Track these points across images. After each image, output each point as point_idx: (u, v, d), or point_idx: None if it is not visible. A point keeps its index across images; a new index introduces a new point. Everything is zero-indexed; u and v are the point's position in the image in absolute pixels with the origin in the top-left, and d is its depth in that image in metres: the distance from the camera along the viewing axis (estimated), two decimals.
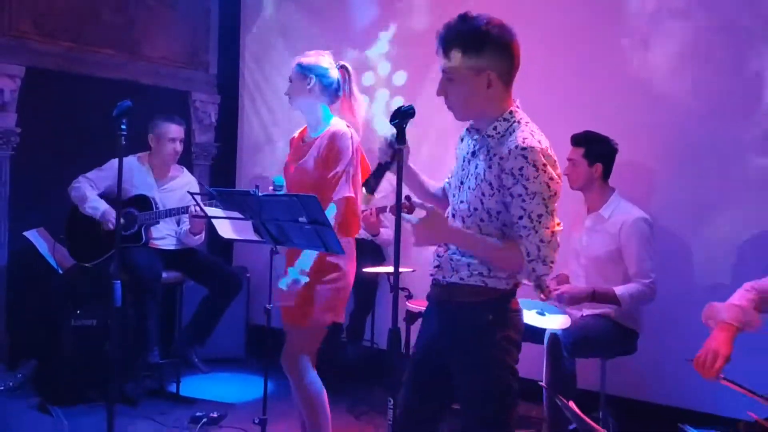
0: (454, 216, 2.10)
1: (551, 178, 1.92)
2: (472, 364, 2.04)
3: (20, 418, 3.72)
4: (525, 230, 1.93)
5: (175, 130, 4.17)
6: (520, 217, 1.93)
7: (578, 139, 3.35)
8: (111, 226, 3.96)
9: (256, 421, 2.59)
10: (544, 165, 1.91)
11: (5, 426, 3.68)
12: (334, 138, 2.76)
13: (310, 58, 2.87)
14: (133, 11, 5.00)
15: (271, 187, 2.77)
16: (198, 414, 3.77)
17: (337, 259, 2.74)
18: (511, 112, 2.02)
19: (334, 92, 2.87)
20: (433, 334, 2.14)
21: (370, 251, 4.26)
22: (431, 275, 2.15)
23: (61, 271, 4.28)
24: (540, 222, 1.92)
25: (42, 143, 4.46)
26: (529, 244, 1.92)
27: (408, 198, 4.32)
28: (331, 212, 2.62)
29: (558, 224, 1.96)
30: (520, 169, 1.91)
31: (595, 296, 3.09)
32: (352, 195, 2.72)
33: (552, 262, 1.95)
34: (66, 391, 3.96)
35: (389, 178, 2.11)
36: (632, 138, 3.70)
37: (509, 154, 1.93)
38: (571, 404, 2.00)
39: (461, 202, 2.08)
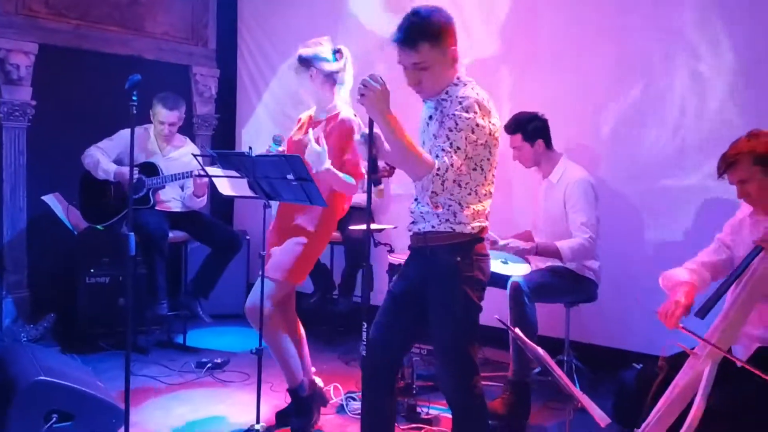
0: None
1: (477, 125, 2.25)
2: (441, 298, 2.40)
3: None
4: (443, 152, 2.23)
5: (165, 115, 4.38)
6: (443, 141, 2.24)
7: (511, 127, 3.62)
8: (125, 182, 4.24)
9: (254, 351, 2.94)
10: (475, 112, 2.25)
11: None
12: (344, 123, 3.07)
13: (309, 49, 3.11)
14: None
15: (268, 146, 3.07)
16: (204, 360, 4.17)
17: (307, 224, 3.07)
18: (458, 78, 2.38)
19: (336, 77, 3.14)
20: (411, 273, 2.50)
21: (361, 213, 4.59)
22: (409, 229, 2.51)
23: (75, 233, 4.64)
24: (455, 152, 2.23)
25: (55, 115, 4.76)
26: (442, 162, 2.22)
27: (387, 163, 4.68)
28: (346, 177, 2.96)
29: (461, 166, 2.24)
30: (455, 112, 2.26)
31: (538, 250, 3.43)
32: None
33: (434, 193, 2.23)
34: (82, 341, 4.36)
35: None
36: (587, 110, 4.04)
37: (451, 105, 2.29)
38: (536, 347, 2.33)
39: None
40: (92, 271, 4.52)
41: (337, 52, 3.14)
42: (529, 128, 3.59)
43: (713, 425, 2.22)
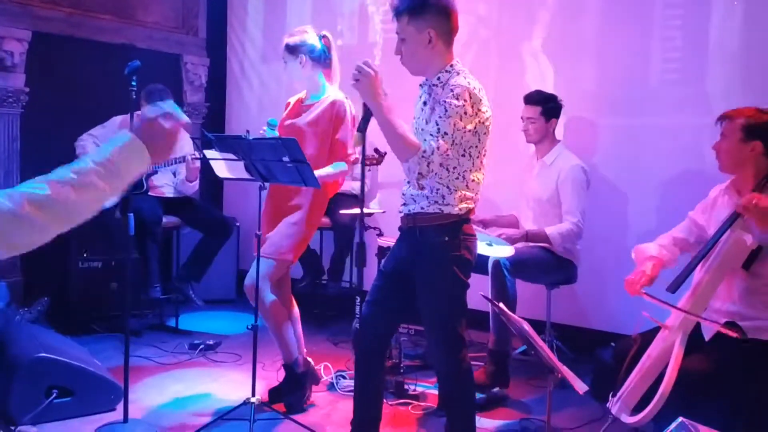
0: None
1: (466, 112, 2.38)
2: (430, 276, 2.53)
3: None
4: (430, 136, 2.36)
5: (149, 111, 4.48)
6: (432, 126, 2.37)
7: (534, 99, 3.77)
8: None
9: (249, 327, 3.06)
10: (465, 100, 2.37)
11: None
12: (335, 105, 3.22)
13: (295, 37, 3.26)
14: None
15: (263, 129, 3.19)
16: (196, 342, 4.27)
17: (299, 205, 3.21)
18: (452, 65, 2.50)
19: (325, 60, 3.29)
20: (401, 252, 2.63)
21: (351, 201, 4.70)
22: (400, 211, 2.63)
23: None
24: (442, 137, 2.35)
25: (48, 102, 4.82)
26: (428, 146, 2.35)
27: (377, 150, 4.82)
28: (337, 167, 3.16)
29: (447, 150, 2.36)
30: (446, 99, 2.39)
31: (528, 237, 3.59)
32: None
33: (420, 174, 2.36)
34: (75, 324, 4.44)
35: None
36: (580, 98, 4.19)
37: (443, 91, 2.42)
38: (521, 320, 2.46)
39: None
40: (85, 255, 4.60)
41: (322, 38, 3.28)
42: (550, 105, 3.74)
43: (683, 393, 2.37)
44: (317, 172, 2.97)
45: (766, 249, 2.47)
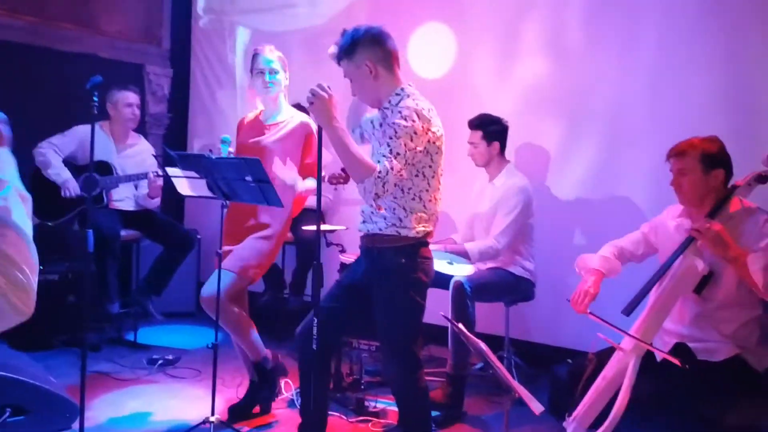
0: None
1: (416, 132, 2.43)
2: (386, 297, 2.57)
3: None
4: (383, 157, 2.40)
5: (131, 96, 4.47)
6: (384, 148, 2.42)
7: (475, 123, 3.82)
8: (68, 194, 4.27)
9: (210, 346, 3.04)
10: (414, 120, 2.43)
11: None
12: (306, 127, 3.26)
13: (277, 54, 3.27)
14: None
15: (219, 146, 3.18)
16: (155, 356, 4.22)
17: (271, 220, 3.22)
18: (402, 89, 2.57)
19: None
20: (360, 270, 2.68)
21: (313, 215, 4.70)
22: (359, 229, 2.67)
23: None
24: (395, 158, 2.39)
25: (8, 111, 4.71)
26: (383, 167, 2.38)
27: (344, 169, 4.85)
28: (313, 182, 3.17)
29: (401, 171, 2.40)
30: (395, 120, 2.44)
31: (447, 251, 3.65)
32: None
33: (377, 195, 2.40)
34: (31, 338, 4.32)
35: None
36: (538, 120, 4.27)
37: (392, 114, 2.48)
38: (479, 341, 2.51)
39: None
40: (41, 268, 4.47)
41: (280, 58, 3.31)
42: (491, 129, 3.79)
43: (637, 413, 2.44)
44: (305, 183, 3.04)
45: (717, 274, 2.56)
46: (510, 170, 3.84)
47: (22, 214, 1.22)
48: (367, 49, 2.52)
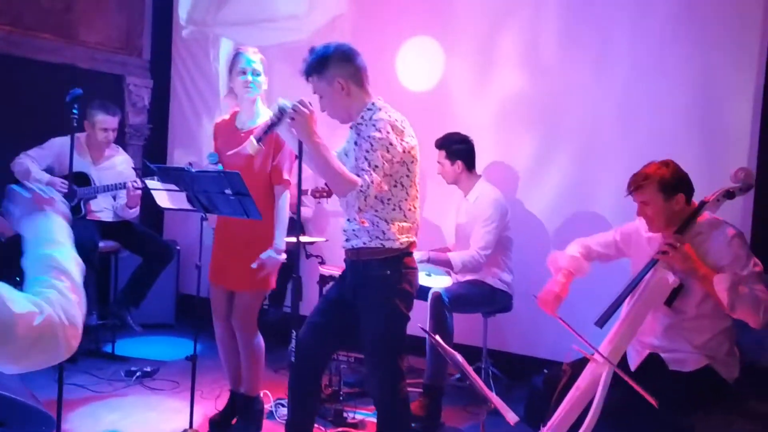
0: None
1: (391, 143, 2.47)
2: (372, 309, 2.61)
3: None
4: (363, 171, 2.44)
5: (107, 121, 4.40)
6: (362, 161, 2.46)
7: (439, 143, 3.88)
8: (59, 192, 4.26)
9: (188, 358, 3.05)
10: (388, 132, 2.47)
11: None
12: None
13: (260, 56, 3.20)
14: None
15: (205, 162, 3.18)
16: (133, 368, 4.20)
17: (266, 235, 3.22)
18: (373, 103, 2.61)
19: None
20: (346, 282, 2.71)
21: (292, 226, 4.72)
22: (343, 246, 2.70)
23: (3, 240, 4.59)
24: (374, 170, 2.44)
25: None
26: (364, 180, 2.43)
27: (327, 184, 4.84)
28: (283, 201, 3.17)
29: (381, 183, 2.45)
30: (370, 134, 2.49)
31: (430, 260, 3.70)
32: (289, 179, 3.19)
33: (359, 209, 2.45)
34: None
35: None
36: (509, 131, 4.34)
37: (366, 128, 2.52)
38: (455, 353, 2.54)
39: None
40: (18, 279, 4.45)
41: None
42: (453, 148, 3.83)
43: (610, 422, 2.49)
44: (281, 234, 3.10)
45: (687, 287, 2.62)
46: (483, 185, 3.90)
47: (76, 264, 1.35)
48: (338, 66, 2.56)
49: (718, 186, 2.71)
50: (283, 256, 3.15)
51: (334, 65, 2.56)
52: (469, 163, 3.88)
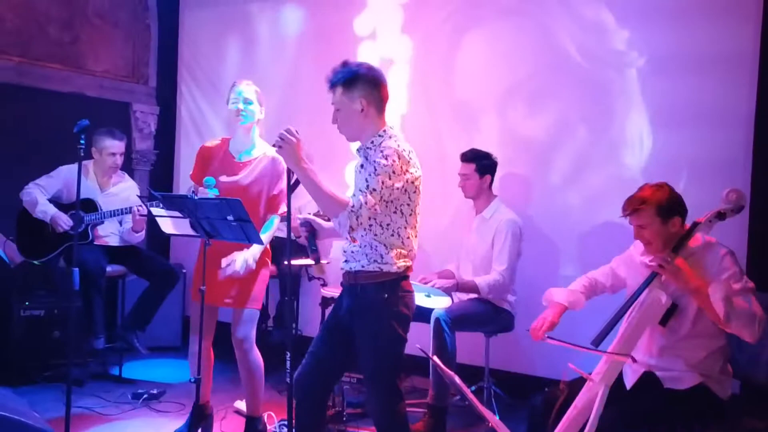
0: None
1: (395, 171, 2.54)
2: (370, 331, 2.66)
3: None
4: (360, 192, 2.53)
5: (115, 146, 4.52)
6: (362, 183, 2.54)
7: (468, 157, 3.97)
8: (60, 229, 4.36)
9: (192, 380, 3.11)
10: (394, 161, 2.55)
11: None
12: (275, 163, 3.35)
13: (255, 90, 3.35)
14: (79, 28, 5.43)
15: (202, 187, 3.25)
16: (140, 391, 4.26)
17: (265, 254, 3.37)
18: (384, 130, 2.68)
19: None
20: (343, 308, 2.76)
21: (295, 249, 4.78)
22: (342, 267, 2.76)
23: (12, 266, 4.68)
24: (370, 193, 2.51)
25: None
26: (356, 200, 2.51)
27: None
28: (272, 223, 3.32)
29: (375, 205, 2.52)
30: (376, 159, 2.57)
31: (459, 287, 3.77)
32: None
33: (351, 228, 2.52)
34: (16, 373, 4.37)
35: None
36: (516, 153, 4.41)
37: (374, 153, 2.60)
38: (453, 374, 2.60)
39: None
40: (27, 303, 4.55)
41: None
42: (484, 163, 3.93)
43: None
44: (264, 237, 3.13)
45: (681, 307, 2.67)
46: (499, 204, 3.98)
47: None
48: (366, 87, 2.63)
49: (711, 207, 2.75)
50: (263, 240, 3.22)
51: (362, 85, 2.63)
52: (493, 179, 3.99)
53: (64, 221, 4.34)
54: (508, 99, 4.56)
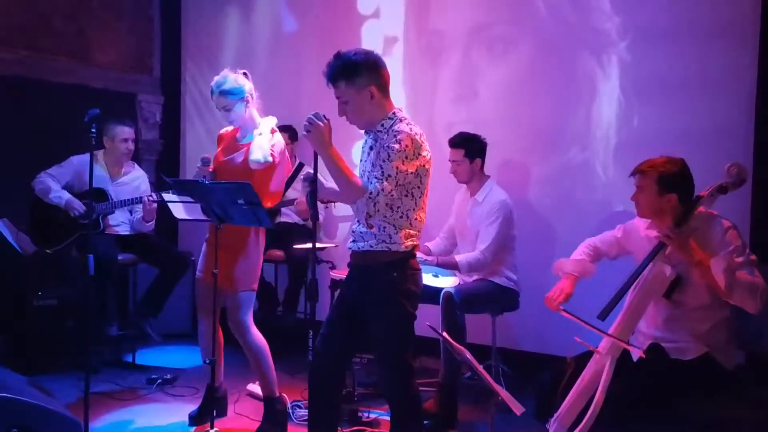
0: None
1: (407, 156, 2.57)
2: (380, 309, 2.70)
3: None
4: (376, 179, 2.56)
5: (126, 132, 4.60)
6: (378, 170, 2.56)
7: (457, 142, 3.97)
8: (75, 213, 4.43)
9: (207, 362, 3.17)
10: (407, 145, 2.57)
11: None
12: (274, 145, 3.35)
13: (232, 81, 3.33)
14: (84, 20, 5.47)
15: (198, 164, 3.32)
16: (153, 376, 4.34)
17: (241, 240, 3.34)
18: (394, 113, 2.70)
19: (251, 97, 3.42)
20: (352, 289, 2.80)
21: (303, 233, 4.85)
22: (349, 247, 2.81)
23: (25, 257, 4.74)
24: (387, 180, 2.55)
25: (4, 143, 4.87)
26: (374, 187, 2.54)
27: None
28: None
29: (392, 191, 2.55)
30: (389, 144, 2.58)
31: (438, 263, 3.81)
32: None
33: (368, 215, 2.57)
34: (31, 362, 4.43)
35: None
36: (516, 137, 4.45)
37: (387, 137, 2.61)
38: (463, 349, 2.65)
39: None
40: (40, 293, 4.61)
41: (244, 74, 3.41)
42: (472, 147, 3.94)
43: (613, 411, 2.59)
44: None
45: (685, 279, 2.72)
46: (492, 185, 4.00)
47: None
48: (370, 74, 2.63)
49: (713, 181, 2.80)
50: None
51: (365, 72, 2.62)
52: (483, 161, 3.99)
53: (79, 205, 4.41)
54: (511, 84, 4.59)
